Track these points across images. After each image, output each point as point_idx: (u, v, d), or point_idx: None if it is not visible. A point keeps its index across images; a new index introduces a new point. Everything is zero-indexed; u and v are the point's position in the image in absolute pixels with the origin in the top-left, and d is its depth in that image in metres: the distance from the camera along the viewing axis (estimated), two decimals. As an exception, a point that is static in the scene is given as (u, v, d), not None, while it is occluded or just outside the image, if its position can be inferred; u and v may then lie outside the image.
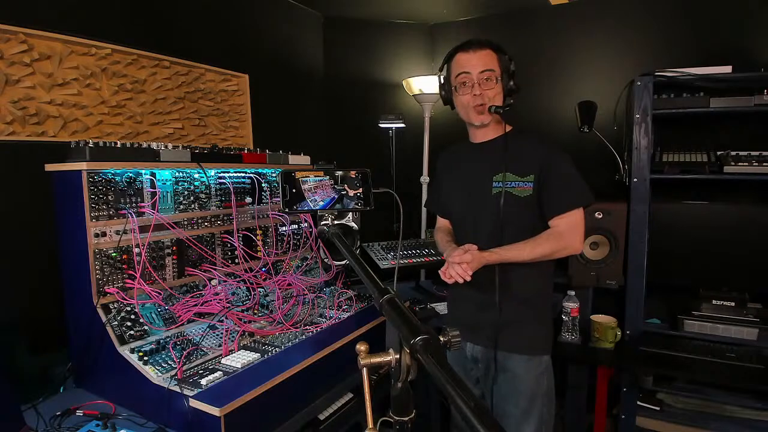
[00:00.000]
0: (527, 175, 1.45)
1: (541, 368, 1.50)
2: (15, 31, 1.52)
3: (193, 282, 1.69)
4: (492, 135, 1.54)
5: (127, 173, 1.49)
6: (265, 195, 2.00)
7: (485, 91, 1.45)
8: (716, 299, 2.14)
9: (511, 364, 1.49)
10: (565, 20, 2.74)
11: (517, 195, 1.45)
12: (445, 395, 0.52)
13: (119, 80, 1.85)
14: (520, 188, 1.45)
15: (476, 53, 1.45)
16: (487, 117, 1.48)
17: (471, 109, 1.48)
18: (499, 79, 1.46)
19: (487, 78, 1.44)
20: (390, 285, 0.76)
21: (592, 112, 2.38)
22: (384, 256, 2.30)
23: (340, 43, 3.11)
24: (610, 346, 2.16)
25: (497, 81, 1.46)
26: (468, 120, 1.53)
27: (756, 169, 2.00)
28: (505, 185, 1.45)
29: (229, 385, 1.27)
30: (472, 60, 1.45)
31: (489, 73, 1.44)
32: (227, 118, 2.38)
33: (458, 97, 1.51)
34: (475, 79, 1.44)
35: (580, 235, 1.45)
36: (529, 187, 1.44)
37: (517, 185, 1.46)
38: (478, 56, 1.45)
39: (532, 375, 1.48)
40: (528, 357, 1.49)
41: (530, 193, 1.44)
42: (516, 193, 1.45)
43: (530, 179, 1.44)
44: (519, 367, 1.48)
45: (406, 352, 0.67)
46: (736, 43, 2.32)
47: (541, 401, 1.49)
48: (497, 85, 1.46)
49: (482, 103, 1.45)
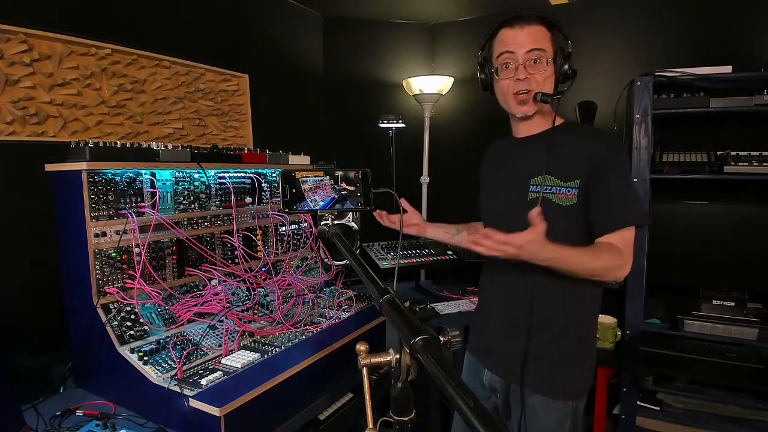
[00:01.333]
0: (572, 179, 1.18)
1: (565, 412, 1.26)
2: (15, 31, 1.52)
3: (193, 282, 1.69)
4: (537, 129, 1.29)
5: (127, 173, 1.49)
6: (265, 195, 2.00)
7: (532, 75, 1.19)
8: (716, 299, 2.14)
9: (531, 401, 1.26)
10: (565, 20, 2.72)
11: (557, 203, 1.19)
12: (445, 395, 0.52)
13: (119, 80, 1.85)
14: (561, 195, 1.19)
15: (524, 29, 1.20)
16: (531, 107, 1.22)
17: (511, 96, 1.23)
18: (550, 60, 1.20)
19: (535, 59, 1.19)
20: (390, 285, 0.76)
21: (592, 112, 2.38)
22: (384, 256, 2.30)
23: (340, 43, 3.11)
24: (610, 346, 2.16)
25: (548, 63, 1.20)
26: (509, 110, 1.28)
27: (756, 169, 2.00)
28: (544, 190, 1.20)
29: (229, 385, 1.27)
30: (519, 37, 1.20)
31: (538, 53, 1.19)
32: (227, 118, 2.38)
33: (499, 82, 1.26)
34: (520, 60, 1.19)
35: (631, 257, 1.16)
36: (572, 194, 1.18)
37: (558, 191, 1.19)
38: (526, 33, 1.20)
39: (554, 418, 1.25)
40: (550, 400, 1.25)
41: (574, 201, 1.18)
42: (556, 200, 1.19)
43: (575, 185, 1.18)
44: (539, 406, 1.26)
45: (406, 352, 0.67)
46: (736, 43, 2.32)
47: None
48: (548, 68, 1.20)
49: (526, 90, 1.20)
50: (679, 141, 2.30)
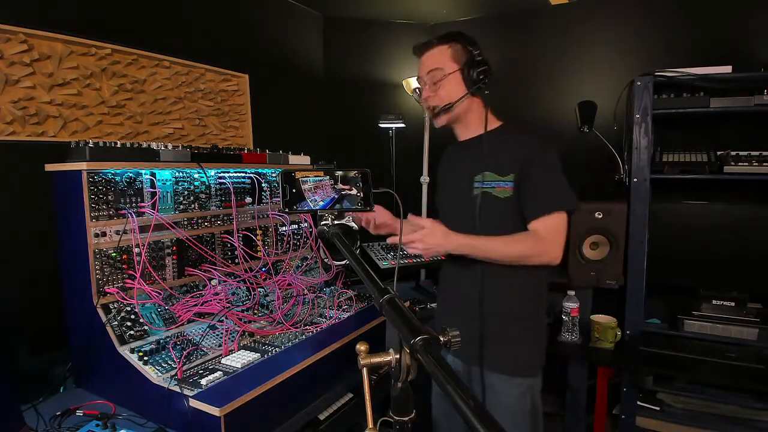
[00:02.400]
0: (507, 174, 1.32)
1: (523, 388, 1.37)
2: (15, 31, 1.52)
3: (193, 282, 1.69)
4: (475, 131, 1.43)
5: (127, 173, 1.49)
6: (265, 195, 2.00)
7: (431, 95, 1.38)
8: (716, 299, 2.14)
9: (490, 381, 1.38)
10: (565, 20, 2.74)
11: (496, 196, 1.33)
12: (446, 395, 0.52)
13: (119, 80, 1.85)
14: (500, 188, 1.33)
15: (423, 55, 1.39)
16: (442, 119, 1.40)
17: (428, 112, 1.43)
18: (448, 74, 1.34)
19: (433, 80, 1.36)
20: (390, 285, 0.76)
21: (592, 112, 2.39)
22: (384, 256, 2.30)
23: (340, 43, 3.11)
24: (610, 346, 2.16)
25: (446, 78, 1.34)
26: None
27: (756, 169, 2.00)
28: (484, 185, 1.34)
29: (229, 385, 1.27)
30: (420, 65, 1.40)
31: (433, 73, 1.36)
32: (227, 118, 2.38)
33: None
34: (424, 82, 1.39)
35: (560, 243, 1.29)
36: (509, 187, 1.32)
37: (497, 185, 1.33)
38: (424, 58, 1.39)
39: (514, 394, 1.36)
40: (508, 377, 1.36)
41: (510, 194, 1.32)
42: (496, 194, 1.33)
43: (510, 178, 1.32)
44: (499, 384, 1.37)
45: (406, 352, 0.67)
46: (736, 43, 2.32)
47: (524, 419, 1.37)
48: (446, 83, 1.35)
49: (431, 106, 1.39)
50: (679, 141, 2.30)
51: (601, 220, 2.19)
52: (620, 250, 2.18)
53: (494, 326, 1.35)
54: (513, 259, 1.29)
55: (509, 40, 2.94)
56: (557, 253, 1.28)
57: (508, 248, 1.28)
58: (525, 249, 1.27)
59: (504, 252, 1.28)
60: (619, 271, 2.19)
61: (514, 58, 2.92)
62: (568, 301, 2.22)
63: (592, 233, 2.21)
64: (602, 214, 2.19)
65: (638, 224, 2.18)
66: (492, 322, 1.35)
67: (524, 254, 1.28)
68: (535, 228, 1.29)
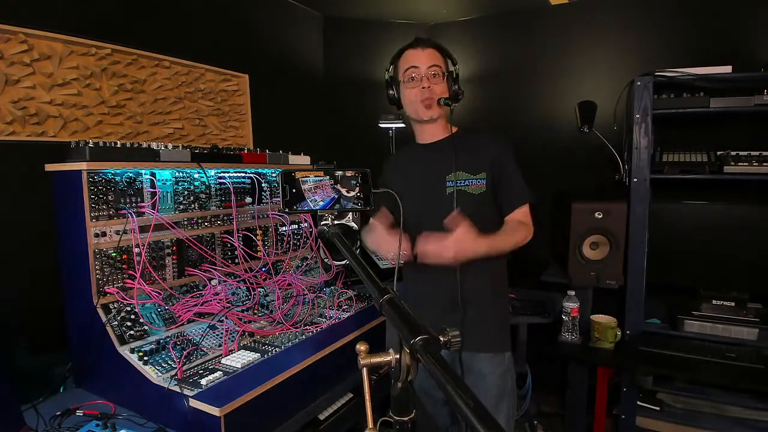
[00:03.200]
0: (480, 172, 1.45)
1: (505, 365, 1.50)
2: (15, 31, 1.52)
3: (193, 282, 1.69)
4: (441, 135, 1.53)
5: (127, 173, 1.49)
6: (265, 195, 2.00)
7: (433, 85, 1.45)
8: (716, 299, 2.14)
9: (477, 365, 1.47)
10: (565, 20, 2.74)
11: (471, 193, 1.45)
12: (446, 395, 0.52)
13: (119, 80, 1.85)
14: (473, 186, 1.45)
15: (424, 50, 1.47)
16: (435, 111, 1.46)
17: (419, 103, 1.46)
18: (444, 76, 1.47)
19: (434, 74, 1.45)
20: (390, 285, 0.76)
21: (592, 112, 2.39)
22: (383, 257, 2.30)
23: (340, 43, 3.11)
24: (610, 346, 2.16)
25: (443, 78, 1.47)
26: (416, 116, 1.51)
27: (756, 169, 2.00)
28: (458, 184, 1.44)
29: (229, 385, 1.27)
30: (421, 56, 1.46)
31: (436, 68, 1.45)
32: (227, 118, 2.38)
33: (406, 92, 1.50)
34: (423, 73, 1.45)
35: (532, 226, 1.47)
36: (482, 184, 1.45)
37: (471, 183, 1.45)
38: (426, 53, 1.47)
39: (498, 373, 1.48)
40: (493, 355, 1.49)
41: (483, 190, 1.45)
42: (470, 191, 1.45)
43: (482, 176, 1.45)
44: (485, 366, 1.47)
45: (406, 352, 0.67)
46: (736, 43, 2.32)
47: (508, 398, 1.50)
48: (443, 82, 1.47)
49: (430, 97, 1.45)
50: (679, 141, 2.30)
51: (601, 220, 2.19)
52: (620, 250, 2.17)
53: (474, 310, 1.46)
54: (514, 246, 1.41)
55: (509, 40, 2.93)
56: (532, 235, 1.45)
57: (512, 240, 1.40)
58: (521, 236, 1.42)
59: (512, 242, 1.39)
60: (619, 271, 2.19)
61: (514, 58, 2.91)
62: (568, 301, 2.22)
63: (592, 233, 2.21)
64: (602, 214, 2.19)
65: (638, 224, 2.18)
66: (472, 307, 1.45)
67: (521, 240, 1.42)
68: (516, 217, 1.45)
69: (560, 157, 2.73)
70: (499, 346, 1.51)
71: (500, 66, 2.97)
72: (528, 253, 2.63)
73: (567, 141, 2.71)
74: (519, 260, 2.39)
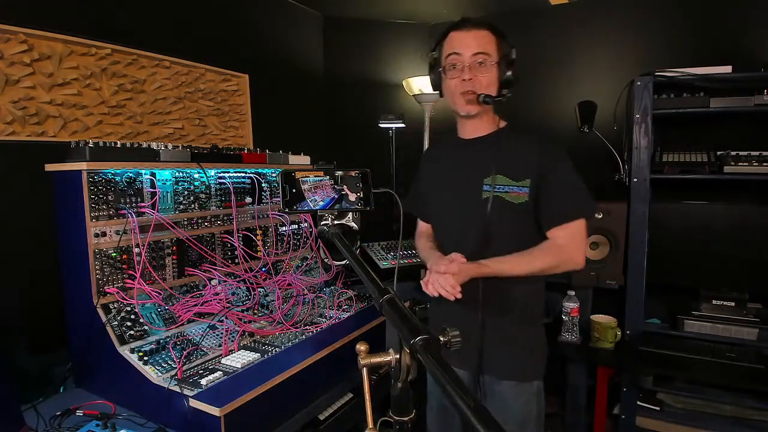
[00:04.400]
0: (523, 179, 1.27)
1: (531, 394, 1.35)
2: (15, 31, 1.52)
3: (193, 282, 1.69)
4: (484, 131, 1.35)
5: (127, 173, 1.49)
6: (265, 195, 2.00)
7: (477, 76, 1.25)
8: (716, 299, 2.14)
9: (500, 390, 1.34)
10: (565, 20, 2.73)
11: (510, 201, 1.27)
12: (446, 395, 0.52)
13: (119, 80, 1.85)
14: (513, 194, 1.27)
15: (470, 32, 1.27)
16: (474, 107, 1.28)
17: (458, 96, 1.28)
18: (494, 64, 1.26)
19: (480, 62, 1.25)
20: (390, 285, 0.76)
21: (592, 112, 2.38)
22: (384, 256, 2.30)
23: (340, 43, 3.11)
24: (610, 346, 2.16)
25: (491, 66, 1.26)
26: (454, 108, 1.34)
27: (756, 169, 2.00)
28: (496, 189, 1.26)
29: (229, 385, 1.27)
30: (466, 40, 1.27)
31: (483, 56, 1.25)
32: (227, 118, 2.38)
33: (446, 81, 1.32)
34: (466, 62, 1.26)
35: (581, 248, 1.26)
36: (524, 193, 1.26)
37: (510, 190, 1.27)
38: (472, 36, 1.27)
39: (522, 401, 1.34)
40: (517, 383, 1.33)
41: (525, 200, 1.26)
42: (509, 199, 1.27)
43: (526, 184, 1.26)
44: (508, 393, 1.33)
45: (406, 352, 0.67)
46: (736, 43, 2.32)
47: (531, 426, 1.35)
48: (491, 72, 1.26)
49: (471, 90, 1.26)
50: (679, 141, 2.30)
51: (601, 220, 2.19)
52: (620, 250, 2.17)
53: (498, 332, 1.31)
54: (537, 273, 1.25)
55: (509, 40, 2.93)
56: (579, 259, 1.25)
57: (532, 264, 1.24)
58: (548, 262, 1.24)
59: (529, 268, 1.24)
60: (619, 271, 2.19)
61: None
62: (568, 301, 2.22)
63: (592, 233, 2.21)
64: (602, 214, 2.19)
65: (638, 224, 2.18)
66: (496, 328, 1.31)
67: (548, 267, 1.24)
68: (556, 236, 1.26)
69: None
70: (524, 374, 1.34)
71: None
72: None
73: (567, 141, 2.69)
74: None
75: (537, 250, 1.25)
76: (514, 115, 1.46)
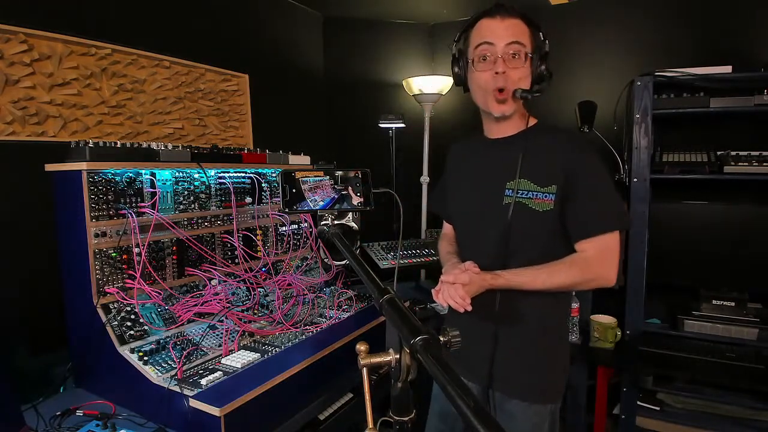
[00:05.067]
0: (548, 185, 1.15)
1: (544, 417, 1.23)
2: (15, 31, 1.52)
3: (193, 282, 1.69)
4: (512, 130, 1.24)
5: (127, 173, 1.49)
6: (265, 195, 2.00)
7: (511, 70, 1.13)
8: (716, 299, 2.14)
9: (509, 408, 1.24)
10: (565, 20, 2.73)
11: (533, 209, 1.16)
12: (446, 395, 0.52)
13: (119, 80, 1.85)
14: (538, 200, 1.15)
15: (504, 21, 1.15)
16: (510, 106, 1.17)
17: (490, 93, 1.16)
18: (528, 57, 1.15)
19: (514, 53, 1.13)
20: (390, 285, 0.76)
21: (592, 112, 2.38)
22: (384, 256, 2.30)
23: (340, 43, 3.11)
24: (610, 346, 2.16)
25: (526, 59, 1.15)
26: (485, 108, 1.21)
27: (756, 169, 2.00)
28: (519, 195, 1.16)
29: (229, 385, 1.27)
30: (499, 29, 1.14)
31: (518, 47, 1.13)
32: (227, 118, 2.38)
33: (475, 75, 1.18)
34: (499, 53, 1.13)
35: (614, 264, 1.13)
36: (549, 200, 1.14)
37: (534, 196, 1.16)
38: (506, 25, 1.14)
39: (532, 423, 1.23)
40: (528, 404, 1.22)
41: (551, 207, 1.15)
42: (532, 206, 1.16)
43: (551, 190, 1.15)
44: (517, 413, 1.23)
45: (406, 352, 0.67)
46: (736, 43, 2.32)
47: None
48: (525, 65, 1.15)
49: (505, 87, 1.14)
50: (679, 141, 2.30)
51: (601, 220, 2.19)
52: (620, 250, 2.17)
53: (513, 346, 1.22)
54: (559, 288, 1.15)
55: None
56: (611, 276, 1.13)
57: (552, 279, 1.13)
58: (572, 277, 1.13)
59: (549, 283, 1.13)
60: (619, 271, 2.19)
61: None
62: (568, 301, 2.22)
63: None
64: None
65: (638, 224, 2.18)
66: (510, 342, 1.21)
67: (571, 283, 1.14)
68: (584, 249, 1.14)
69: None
70: (536, 395, 1.22)
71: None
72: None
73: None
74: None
75: (561, 263, 1.14)
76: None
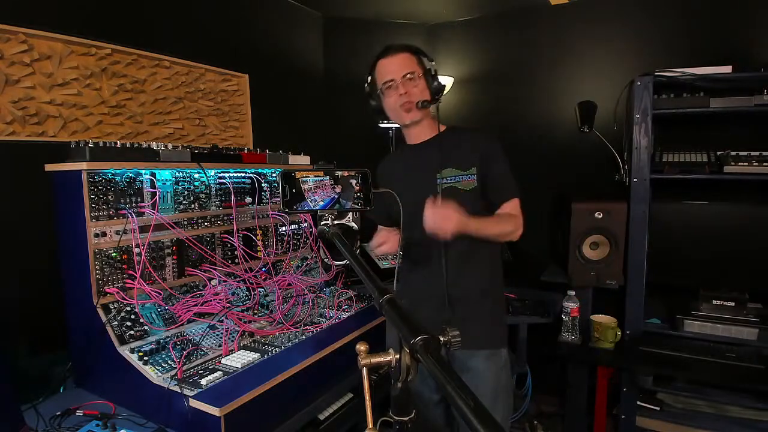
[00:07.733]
0: (470, 168, 1.47)
1: (501, 362, 1.51)
2: (15, 31, 1.52)
3: (193, 282, 1.69)
4: (428, 135, 1.55)
5: (127, 173, 1.49)
6: (265, 195, 2.00)
7: (410, 89, 1.46)
8: (716, 299, 2.14)
9: (473, 363, 1.48)
10: (565, 20, 2.73)
11: (462, 189, 1.47)
12: (445, 395, 0.52)
13: (119, 80, 1.85)
14: (464, 182, 1.47)
15: (395, 57, 1.48)
16: (416, 114, 1.48)
17: (399, 109, 1.48)
18: (420, 77, 1.48)
19: (410, 78, 1.46)
20: (390, 285, 0.76)
21: (592, 112, 2.39)
22: (384, 256, 2.30)
23: (340, 43, 3.11)
24: (610, 346, 2.16)
25: (419, 79, 1.48)
26: (400, 121, 1.54)
27: (756, 169, 2.00)
28: (447, 180, 1.47)
29: (229, 385, 1.27)
30: (392, 64, 1.48)
31: (410, 75, 1.47)
32: (227, 118, 2.38)
33: (387, 102, 1.52)
34: (398, 81, 1.46)
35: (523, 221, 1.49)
36: (473, 180, 1.47)
37: (461, 179, 1.47)
38: (397, 60, 1.48)
39: (494, 371, 1.48)
40: (490, 352, 1.49)
41: (475, 185, 1.46)
42: (461, 187, 1.47)
43: (473, 171, 1.47)
44: (481, 363, 1.47)
45: (406, 352, 0.67)
46: (736, 43, 2.32)
47: (503, 395, 1.51)
48: (420, 83, 1.48)
49: (409, 101, 1.46)
50: (679, 141, 2.30)
51: (601, 220, 2.19)
52: (620, 250, 2.17)
53: (464, 308, 1.46)
54: (501, 234, 1.47)
55: (509, 40, 2.93)
56: (521, 230, 1.48)
57: (498, 227, 1.45)
58: (510, 226, 1.46)
59: (499, 229, 1.45)
60: (619, 271, 2.19)
61: (514, 58, 2.91)
62: (568, 301, 2.22)
63: (592, 233, 2.21)
64: (602, 214, 2.19)
65: (638, 224, 2.18)
66: (462, 305, 1.46)
67: (509, 231, 1.46)
68: (507, 210, 1.48)
69: (560, 157, 2.73)
70: (492, 342, 1.51)
71: (500, 66, 2.97)
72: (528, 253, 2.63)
73: (567, 141, 2.71)
74: (519, 260, 2.40)
75: (500, 216, 1.48)
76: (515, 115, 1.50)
